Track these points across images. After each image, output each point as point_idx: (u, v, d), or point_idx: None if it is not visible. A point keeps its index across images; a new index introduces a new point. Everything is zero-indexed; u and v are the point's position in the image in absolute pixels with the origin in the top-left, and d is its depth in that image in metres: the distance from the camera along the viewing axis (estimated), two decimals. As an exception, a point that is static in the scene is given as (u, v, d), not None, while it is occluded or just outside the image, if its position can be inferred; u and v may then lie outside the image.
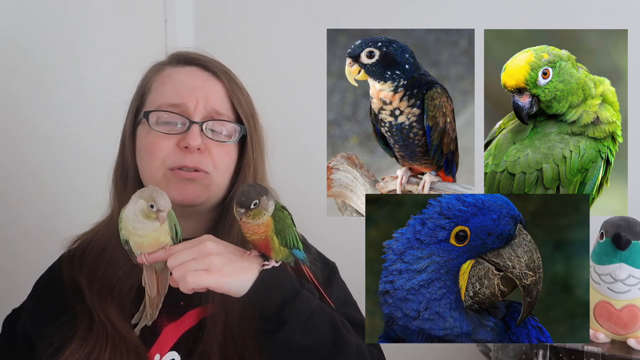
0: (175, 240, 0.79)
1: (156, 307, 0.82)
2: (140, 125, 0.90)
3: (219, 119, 0.89)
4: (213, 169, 0.88)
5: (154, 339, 0.84)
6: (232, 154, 0.91)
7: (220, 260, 0.74)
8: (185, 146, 0.85)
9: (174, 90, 0.89)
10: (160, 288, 0.82)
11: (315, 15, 1.57)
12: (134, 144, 0.91)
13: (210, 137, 0.88)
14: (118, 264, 0.87)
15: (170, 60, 0.94)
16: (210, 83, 0.91)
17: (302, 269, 0.82)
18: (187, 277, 0.72)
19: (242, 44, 1.65)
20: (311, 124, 1.21)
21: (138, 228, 0.76)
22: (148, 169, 0.88)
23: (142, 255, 0.77)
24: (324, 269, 0.94)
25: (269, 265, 0.77)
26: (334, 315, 0.80)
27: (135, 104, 0.92)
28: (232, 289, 0.74)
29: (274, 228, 0.76)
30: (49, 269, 0.95)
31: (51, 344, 0.83)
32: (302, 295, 0.77)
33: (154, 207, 0.74)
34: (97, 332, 0.82)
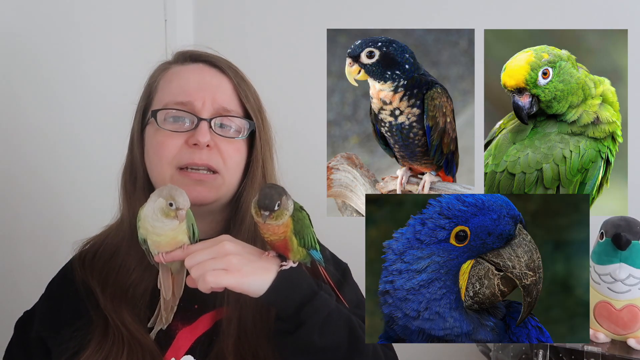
0: (192, 240, 0.78)
1: (171, 310, 0.82)
2: (148, 125, 0.90)
3: (228, 114, 0.88)
4: (223, 167, 0.87)
5: (169, 343, 0.84)
6: (242, 151, 0.90)
7: (239, 260, 0.74)
8: (194, 143, 0.85)
9: (180, 88, 0.88)
10: (175, 290, 0.82)
11: (315, 15, 1.57)
12: (142, 145, 0.90)
13: (219, 133, 0.87)
14: (130, 268, 0.86)
15: (176, 58, 0.94)
16: (217, 79, 0.90)
17: (319, 270, 0.82)
18: (206, 277, 0.72)
19: (242, 44, 1.65)
20: (311, 124, 1.21)
21: (157, 227, 0.75)
22: (157, 169, 0.87)
23: (159, 254, 0.77)
24: (337, 270, 0.94)
25: (287, 265, 0.76)
26: (351, 316, 0.79)
27: (142, 104, 0.92)
28: (251, 289, 0.74)
29: (292, 228, 0.75)
30: (61, 271, 0.94)
31: (67, 349, 0.82)
32: (320, 296, 0.76)
33: (173, 205, 0.74)
34: (112, 337, 0.81)
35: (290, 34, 1.61)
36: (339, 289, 0.85)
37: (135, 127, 0.92)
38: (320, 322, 0.75)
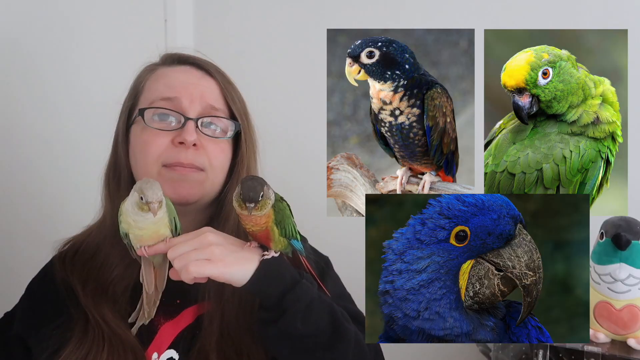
0: (174, 233, 0.79)
1: (154, 305, 0.82)
2: (134, 124, 0.90)
3: (214, 114, 0.89)
4: (209, 166, 0.88)
5: (151, 337, 0.84)
6: (227, 152, 0.91)
7: (221, 251, 0.75)
8: (180, 142, 0.85)
9: (167, 86, 0.89)
10: (158, 284, 0.82)
11: (315, 15, 1.57)
12: (127, 144, 0.91)
13: (205, 133, 0.88)
14: (112, 265, 0.86)
15: (163, 60, 0.94)
16: (205, 80, 0.91)
17: (300, 259, 0.83)
18: (189, 267, 0.72)
19: (242, 44, 1.65)
20: (311, 124, 1.21)
21: (138, 220, 0.76)
22: (142, 167, 0.87)
23: (141, 248, 0.77)
24: (318, 262, 0.94)
25: (269, 255, 0.77)
26: (333, 305, 0.80)
27: (128, 104, 0.92)
28: (234, 279, 0.74)
29: (274, 219, 0.76)
30: (41, 271, 0.94)
31: (47, 347, 0.83)
32: (302, 284, 0.77)
33: (144, 199, 0.74)
34: (93, 333, 0.82)
35: (290, 34, 1.61)
36: (321, 279, 0.86)
37: (121, 127, 0.92)
38: (303, 310, 0.76)
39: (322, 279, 0.89)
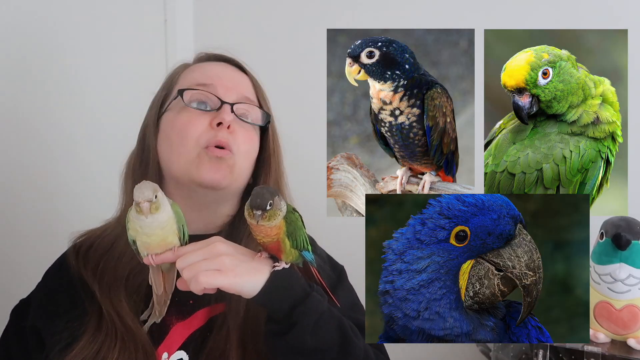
0: (182, 242, 0.78)
1: (164, 304, 0.81)
2: (166, 112, 0.91)
3: (249, 102, 0.92)
4: (237, 150, 0.88)
5: (162, 337, 0.83)
6: (255, 141, 0.92)
7: (231, 261, 0.74)
8: (218, 122, 0.86)
9: (203, 74, 0.92)
10: (167, 286, 0.81)
11: (315, 15, 1.57)
12: (156, 134, 0.91)
13: (240, 117, 0.89)
14: (127, 260, 0.86)
15: (198, 58, 0.98)
16: (239, 75, 0.95)
17: (311, 271, 0.82)
18: (199, 277, 0.71)
19: (241, 44, 1.63)
20: (311, 124, 1.21)
21: (144, 226, 0.74)
22: (180, 151, 0.87)
23: (149, 256, 0.76)
24: (332, 272, 0.94)
25: (280, 266, 0.76)
26: (343, 319, 0.79)
27: (161, 94, 0.93)
28: (244, 290, 0.74)
29: (285, 230, 0.75)
30: (58, 260, 0.94)
31: (60, 340, 0.82)
32: (312, 297, 0.76)
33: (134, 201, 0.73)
34: (106, 329, 0.81)
35: (290, 34, 1.61)
36: (333, 291, 0.85)
37: (151, 117, 0.92)
38: (313, 324, 0.75)
39: (334, 290, 0.88)
